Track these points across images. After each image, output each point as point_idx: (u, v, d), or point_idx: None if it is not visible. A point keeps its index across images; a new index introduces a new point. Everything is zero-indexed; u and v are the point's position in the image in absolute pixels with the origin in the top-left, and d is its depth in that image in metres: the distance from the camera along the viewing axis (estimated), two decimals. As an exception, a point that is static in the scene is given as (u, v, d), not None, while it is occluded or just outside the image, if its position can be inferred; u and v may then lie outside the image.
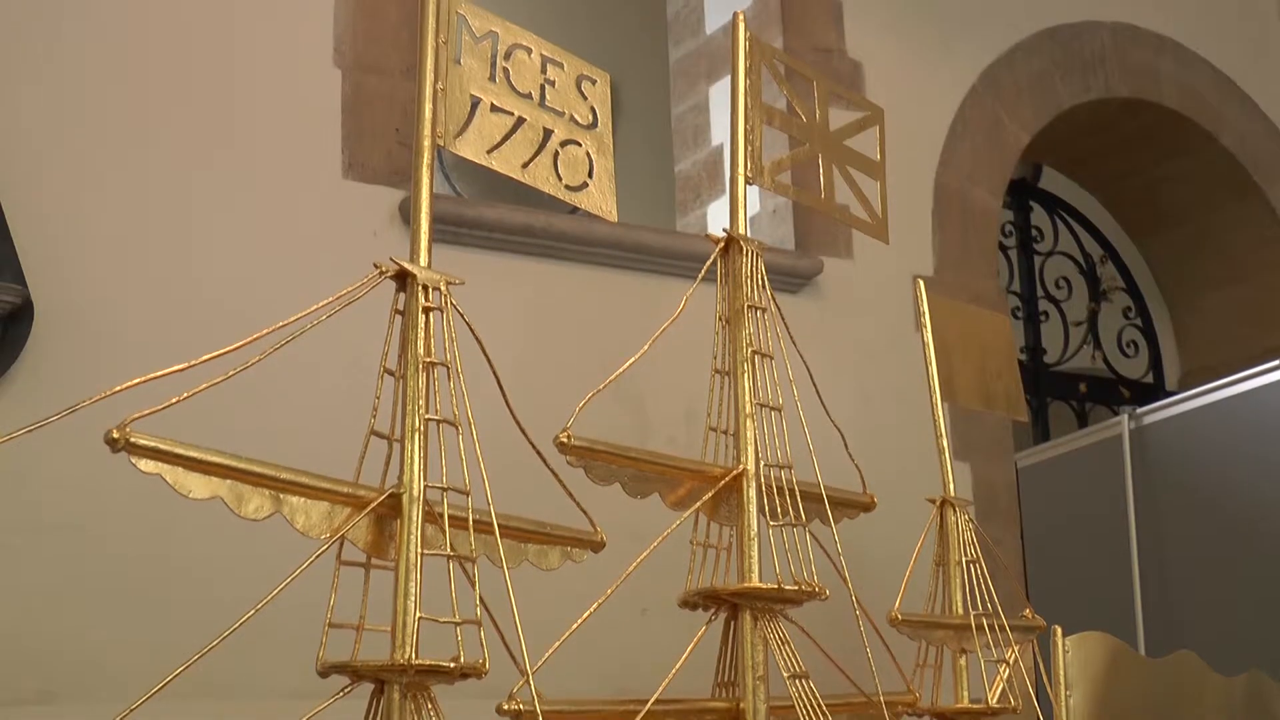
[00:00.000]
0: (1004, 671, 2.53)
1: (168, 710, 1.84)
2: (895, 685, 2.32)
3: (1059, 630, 2.88)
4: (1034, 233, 6.30)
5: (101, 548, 3.12)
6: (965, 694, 2.56)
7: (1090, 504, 4.96)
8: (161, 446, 1.47)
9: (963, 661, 2.56)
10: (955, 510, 2.61)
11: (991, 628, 2.50)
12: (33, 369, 3.13)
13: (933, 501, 2.64)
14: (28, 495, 3.08)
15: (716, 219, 4.76)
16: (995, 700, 2.52)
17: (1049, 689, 2.79)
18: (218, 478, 1.53)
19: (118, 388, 1.50)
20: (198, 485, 1.51)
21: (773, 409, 2.11)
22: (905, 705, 2.36)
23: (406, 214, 3.57)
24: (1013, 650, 2.53)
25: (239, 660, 2.31)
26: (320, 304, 1.63)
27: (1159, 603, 4.66)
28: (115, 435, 1.43)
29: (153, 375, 1.52)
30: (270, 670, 2.96)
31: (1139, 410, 4.89)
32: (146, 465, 1.47)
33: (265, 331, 1.59)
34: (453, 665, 1.60)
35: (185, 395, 1.52)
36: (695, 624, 2.06)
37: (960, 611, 2.55)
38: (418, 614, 1.60)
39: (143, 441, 1.45)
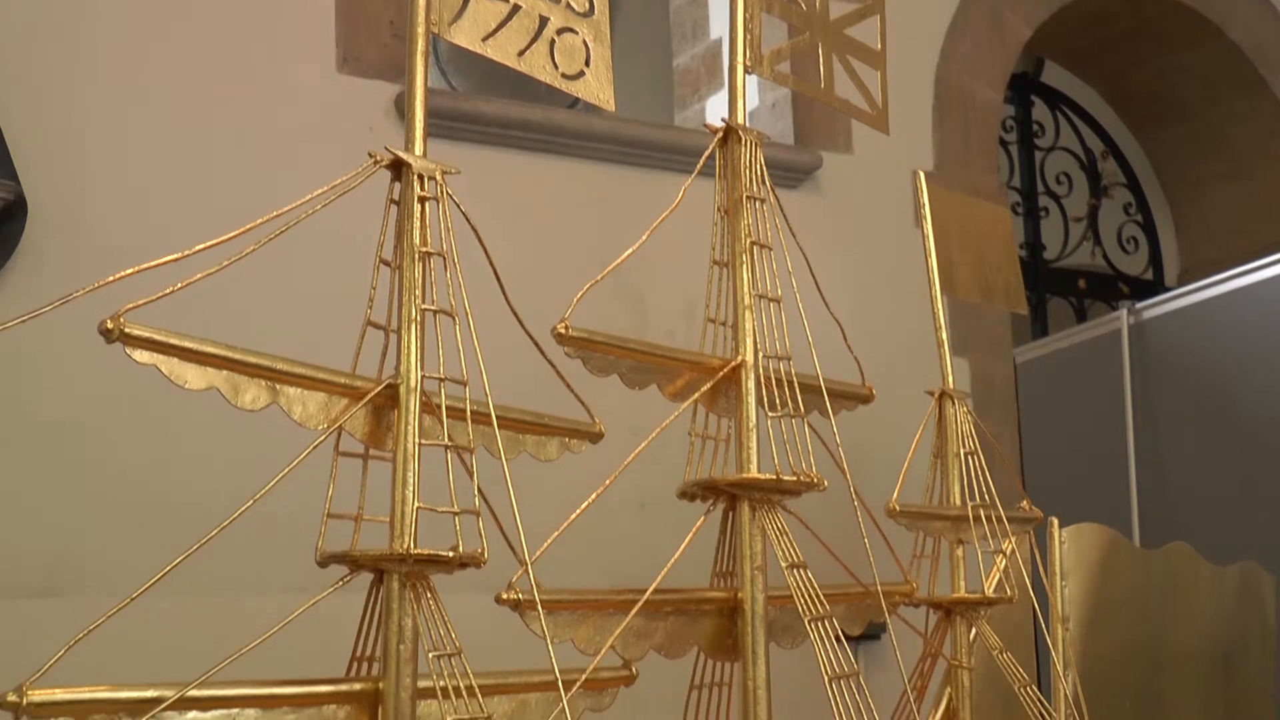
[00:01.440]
0: (1000, 562, 2.54)
1: (167, 604, 1.86)
2: (893, 576, 2.34)
3: (1055, 521, 2.89)
4: (1035, 128, 6.26)
5: (100, 442, 3.12)
6: (962, 584, 2.58)
7: (1088, 398, 4.98)
8: (156, 337, 1.46)
9: (960, 552, 2.58)
10: (954, 402, 2.61)
11: (989, 519, 2.51)
12: (27, 265, 3.11)
13: (931, 394, 2.64)
14: (25, 391, 3.08)
15: (715, 113, 4.71)
16: (992, 590, 2.54)
17: (1045, 579, 2.82)
18: (213, 368, 1.52)
19: (111, 277, 1.49)
20: (193, 376, 1.50)
21: (771, 300, 2.10)
22: (902, 595, 2.38)
23: (402, 108, 3.52)
24: (1010, 541, 2.54)
25: (238, 553, 2.33)
26: (315, 193, 1.61)
27: (1154, 496, 4.69)
28: (109, 326, 1.42)
29: (147, 265, 1.50)
30: (269, 564, 2.98)
31: (1138, 305, 4.88)
32: (141, 356, 1.46)
33: (260, 221, 1.57)
34: (451, 554, 1.60)
35: (180, 285, 1.51)
36: (694, 515, 2.06)
37: (958, 503, 2.56)
38: (416, 504, 1.60)
39: (137, 332, 1.44)
